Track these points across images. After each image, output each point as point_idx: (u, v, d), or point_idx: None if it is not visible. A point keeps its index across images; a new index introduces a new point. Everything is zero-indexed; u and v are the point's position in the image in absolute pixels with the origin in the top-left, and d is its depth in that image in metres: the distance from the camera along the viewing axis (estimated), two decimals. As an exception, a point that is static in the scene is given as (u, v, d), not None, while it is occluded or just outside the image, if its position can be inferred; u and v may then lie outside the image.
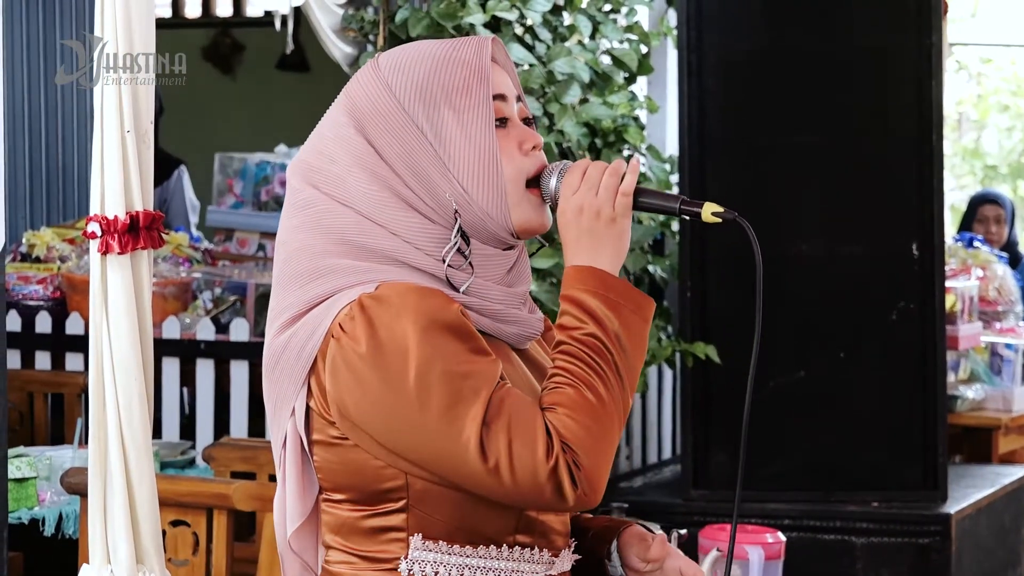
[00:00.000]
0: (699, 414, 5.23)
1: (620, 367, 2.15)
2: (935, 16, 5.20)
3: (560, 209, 2.21)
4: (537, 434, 2.08)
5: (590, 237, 2.20)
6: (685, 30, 5.21)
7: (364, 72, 2.25)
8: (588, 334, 2.14)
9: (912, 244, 5.20)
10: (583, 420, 2.10)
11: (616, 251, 2.20)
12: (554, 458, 2.07)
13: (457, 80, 2.20)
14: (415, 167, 2.18)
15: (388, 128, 2.19)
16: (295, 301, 2.17)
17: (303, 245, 2.19)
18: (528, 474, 2.07)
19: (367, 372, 2.10)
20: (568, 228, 2.20)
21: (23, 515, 4.36)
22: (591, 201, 2.19)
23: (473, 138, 2.19)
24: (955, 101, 14.25)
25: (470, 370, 2.09)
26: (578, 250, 2.20)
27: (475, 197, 2.19)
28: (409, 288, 2.12)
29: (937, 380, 5.19)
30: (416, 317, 2.09)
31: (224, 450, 4.26)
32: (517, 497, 2.10)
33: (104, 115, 2.92)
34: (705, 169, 5.22)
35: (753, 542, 3.81)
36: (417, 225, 2.18)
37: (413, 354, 2.08)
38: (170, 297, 6.02)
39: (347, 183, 2.19)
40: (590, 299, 2.16)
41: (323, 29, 6.49)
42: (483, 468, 2.08)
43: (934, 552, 5.06)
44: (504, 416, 2.08)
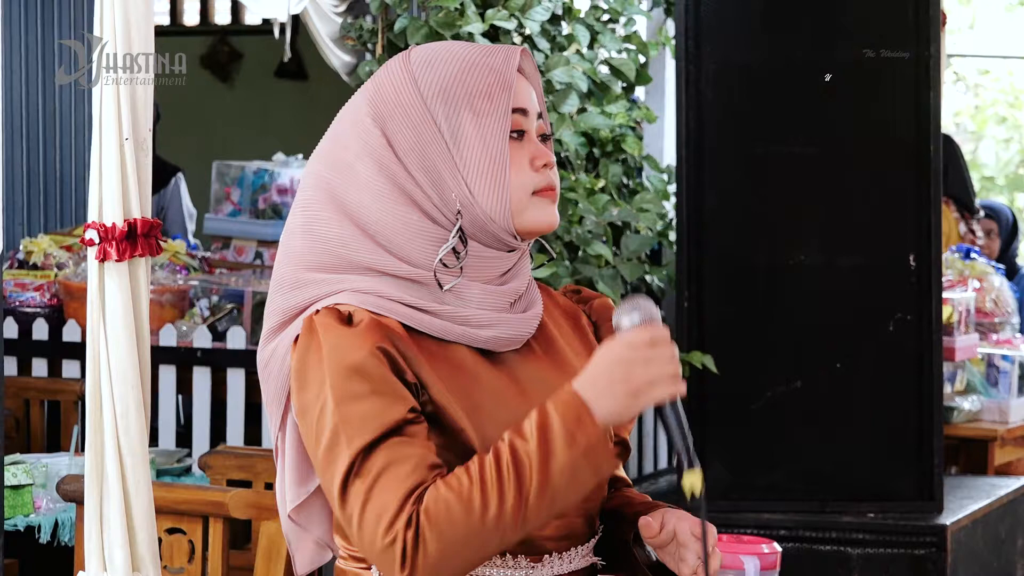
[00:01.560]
0: (695, 424, 5.23)
1: (533, 496, 2.06)
2: (933, 28, 5.20)
3: (611, 343, 2.12)
4: (389, 506, 2.07)
5: (608, 385, 2.09)
6: (683, 40, 5.22)
7: (394, 62, 2.27)
8: (526, 451, 2.07)
9: (909, 255, 5.20)
10: (456, 516, 2.06)
11: (618, 413, 2.10)
12: (393, 534, 2.06)
13: (482, 85, 2.22)
14: (426, 162, 2.20)
15: (406, 120, 2.22)
16: (279, 308, 2.24)
17: (291, 250, 2.25)
18: (369, 537, 2.08)
19: (295, 388, 2.19)
20: (600, 362, 2.11)
21: (19, 522, 4.36)
22: (638, 366, 2.10)
23: (487, 143, 2.21)
24: (953, 112, 14.26)
25: (357, 416, 2.10)
26: (589, 384, 2.10)
27: (479, 200, 2.20)
28: (332, 322, 2.15)
29: (933, 391, 5.19)
30: (328, 353, 2.13)
31: (220, 458, 4.26)
32: (362, 548, 2.13)
33: (103, 122, 2.92)
34: (703, 179, 5.22)
35: (749, 552, 3.80)
36: (415, 222, 2.20)
37: (321, 387, 2.13)
38: (167, 305, 6.02)
39: (356, 171, 2.22)
40: (556, 425, 2.08)
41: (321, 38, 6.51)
42: (342, 512, 2.12)
43: (930, 563, 5.06)
44: (372, 473, 2.09)
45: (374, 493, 2.07)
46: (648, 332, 2.11)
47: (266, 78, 10.12)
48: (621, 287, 5.34)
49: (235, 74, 10.58)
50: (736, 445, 5.21)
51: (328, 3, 6.55)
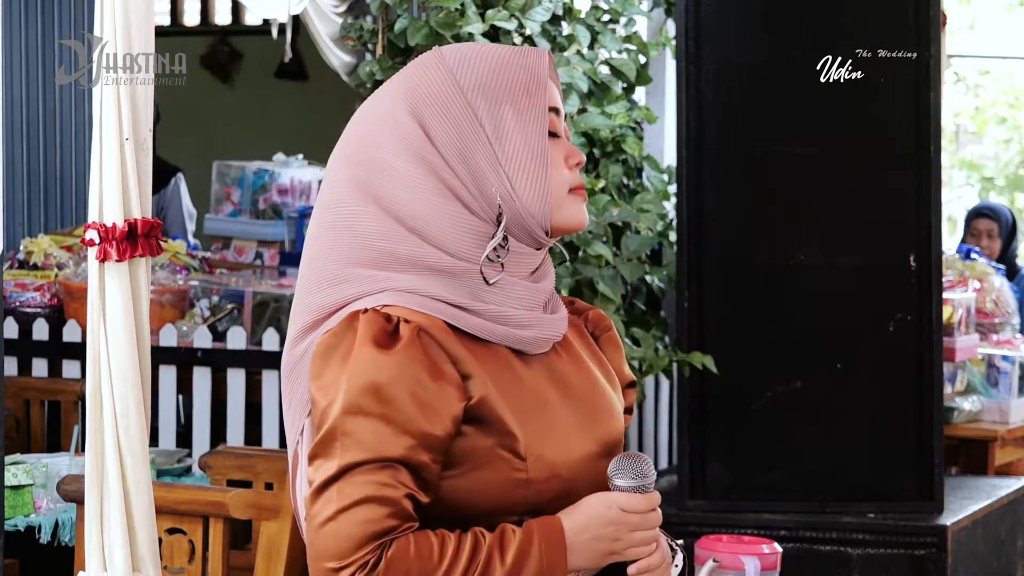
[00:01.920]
0: (696, 424, 5.23)
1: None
2: (934, 28, 5.20)
3: (607, 499, 2.18)
4: (352, 539, 2.08)
5: (592, 540, 2.16)
6: (684, 40, 5.22)
7: (427, 61, 2.26)
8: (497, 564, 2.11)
9: (909, 256, 5.20)
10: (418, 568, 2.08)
11: (585, 567, 2.17)
12: (346, 564, 2.07)
13: (519, 82, 2.23)
14: (466, 156, 2.20)
15: (446, 115, 2.21)
16: (313, 305, 2.21)
17: (328, 247, 2.22)
18: (321, 549, 2.09)
19: (322, 365, 2.15)
20: (592, 515, 2.17)
21: (19, 522, 4.35)
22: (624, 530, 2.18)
23: (529, 138, 2.22)
24: (953, 113, 14.26)
25: (352, 432, 2.09)
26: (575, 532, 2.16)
27: (521, 195, 2.21)
28: (371, 336, 2.12)
29: (934, 391, 5.19)
30: (353, 367, 2.11)
31: (220, 458, 4.25)
32: (307, 550, 2.13)
33: (103, 122, 2.92)
34: (703, 179, 5.22)
35: (749, 552, 3.80)
36: (456, 215, 2.19)
37: (332, 385, 2.12)
38: (167, 305, 6.02)
39: (393, 167, 2.20)
40: (534, 560, 2.12)
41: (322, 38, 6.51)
42: (308, 508, 2.12)
43: (930, 564, 5.06)
44: (350, 496, 2.08)
45: (344, 517, 2.08)
46: (645, 501, 2.18)
47: (266, 78, 10.12)
48: (621, 287, 5.34)
49: (235, 74, 10.58)
50: (736, 445, 5.21)
51: (328, 3, 6.55)
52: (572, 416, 2.24)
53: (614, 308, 5.22)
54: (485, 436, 2.15)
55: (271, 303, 5.93)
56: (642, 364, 5.30)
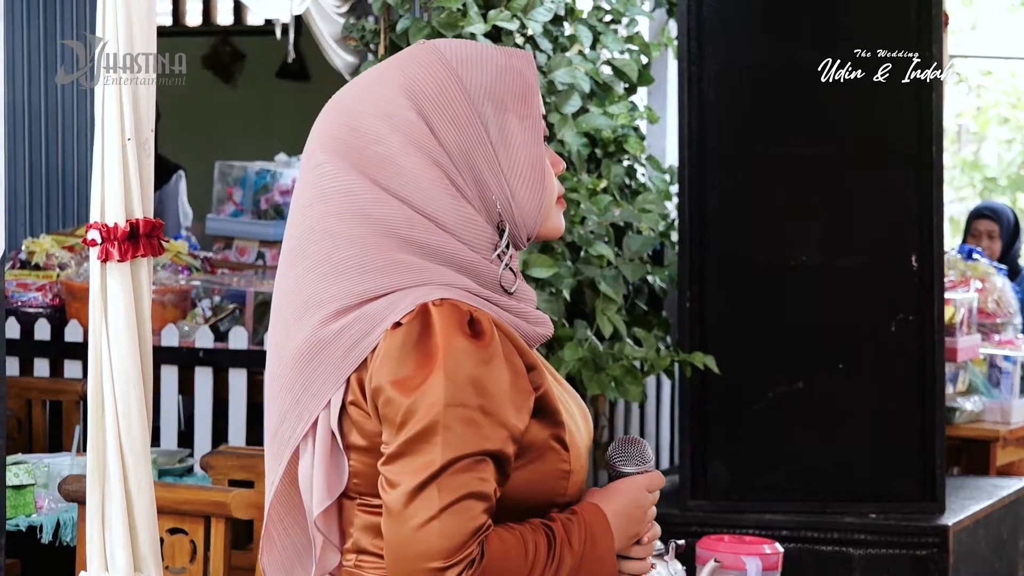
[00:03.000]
0: (697, 424, 5.23)
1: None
2: (935, 28, 5.20)
3: (636, 482, 2.26)
4: (460, 534, 2.06)
5: (626, 522, 2.24)
6: (685, 41, 5.22)
7: (427, 58, 2.23)
8: (569, 552, 2.16)
9: (911, 256, 5.20)
10: (510, 568, 2.10)
11: (621, 547, 2.23)
12: (453, 563, 2.06)
13: (517, 88, 2.24)
14: (471, 162, 2.19)
15: (453, 119, 2.19)
16: (345, 292, 2.16)
17: (351, 235, 2.16)
18: (419, 551, 2.06)
19: (391, 361, 2.10)
20: (627, 499, 2.25)
21: (21, 522, 4.36)
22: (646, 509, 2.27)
23: (530, 147, 2.23)
24: (955, 113, 14.26)
25: (459, 425, 2.07)
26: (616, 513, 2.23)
27: (521, 202, 2.22)
28: (462, 327, 2.11)
29: (935, 392, 5.19)
30: (450, 359, 2.08)
31: (222, 458, 4.26)
32: (394, 554, 2.08)
33: (105, 122, 2.92)
34: (705, 180, 5.22)
35: (750, 553, 3.80)
36: (468, 216, 2.19)
37: (427, 375, 2.08)
38: (169, 305, 6.02)
39: (399, 165, 2.18)
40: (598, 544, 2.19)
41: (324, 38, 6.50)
42: (399, 509, 2.07)
43: (931, 564, 5.06)
44: (453, 493, 2.07)
45: (448, 514, 2.05)
46: (655, 479, 2.28)
47: (268, 78, 10.12)
48: (623, 287, 5.34)
49: (237, 74, 10.58)
50: (738, 445, 5.21)
51: (330, 3, 6.55)
52: (578, 408, 2.30)
53: (616, 308, 5.22)
54: (543, 428, 2.17)
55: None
56: (644, 364, 5.31)
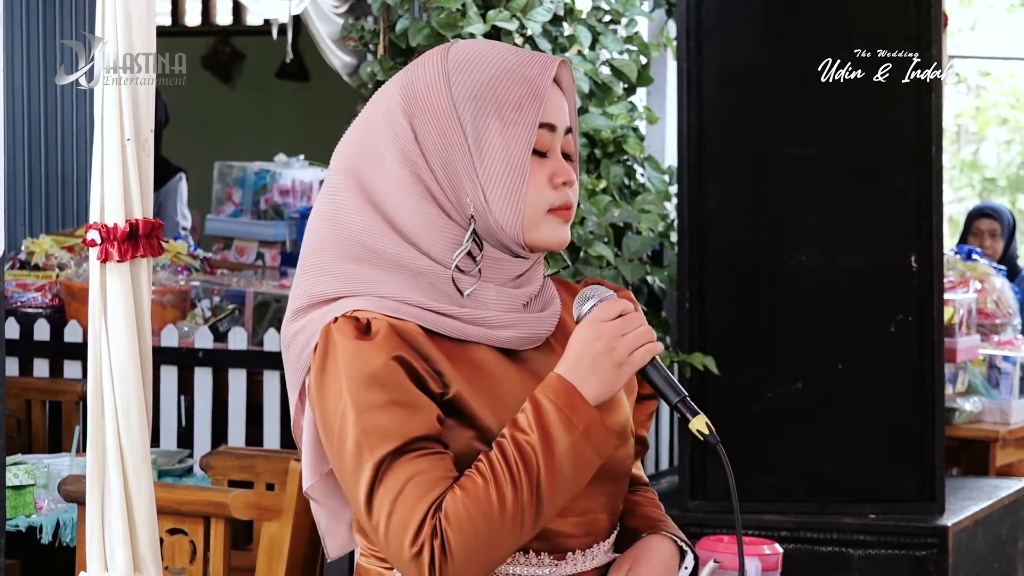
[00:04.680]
0: (697, 425, 5.22)
1: (543, 486, 2.12)
2: (935, 28, 5.20)
3: (581, 327, 2.21)
4: (414, 517, 2.10)
5: (591, 364, 2.18)
6: (685, 41, 5.22)
7: (432, 57, 2.29)
8: (528, 442, 2.12)
9: (911, 256, 5.20)
10: (476, 516, 2.10)
11: (605, 389, 2.18)
12: (419, 545, 2.09)
13: (513, 94, 2.23)
14: (447, 163, 2.22)
15: (434, 120, 2.23)
16: (303, 292, 2.26)
17: (321, 236, 2.27)
18: (397, 547, 2.11)
19: (314, 396, 2.20)
20: (577, 344, 2.19)
21: (21, 523, 4.35)
22: (612, 337, 2.19)
23: (509, 153, 2.22)
24: (954, 114, 14.26)
25: (378, 427, 2.12)
26: (573, 368, 2.18)
27: (494, 208, 2.22)
28: (351, 333, 2.16)
29: (935, 392, 5.19)
30: (346, 364, 2.15)
31: (222, 459, 4.26)
32: (389, 558, 2.16)
33: (104, 122, 2.92)
34: (704, 180, 5.22)
35: (750, 553, 3.80)
36: (434, 218, 2.23)
37: (341, 399, 2.15)
38: (168, 305, 6.02)
39: (384, 160, 2.25)
40: (551, 412, 2.14)
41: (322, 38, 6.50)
42: (368, 521, 2.14)
43: (931, 564, 5.06)
44: (397, 484, 2.11)
45: (398, 505, 2.10)
46: (613, 305, 2.21)
47: (267, 79, 10.12)
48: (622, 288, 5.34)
49: (237, 75, 10.58)
50: (737, 446, 5.20)
51: (329, 4, 6.55)
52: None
53: (615, 309, 5.21)
54: (464, 429, 2.18)
55: (272, 303, 5.93)
56: (643, 365, 5.29)
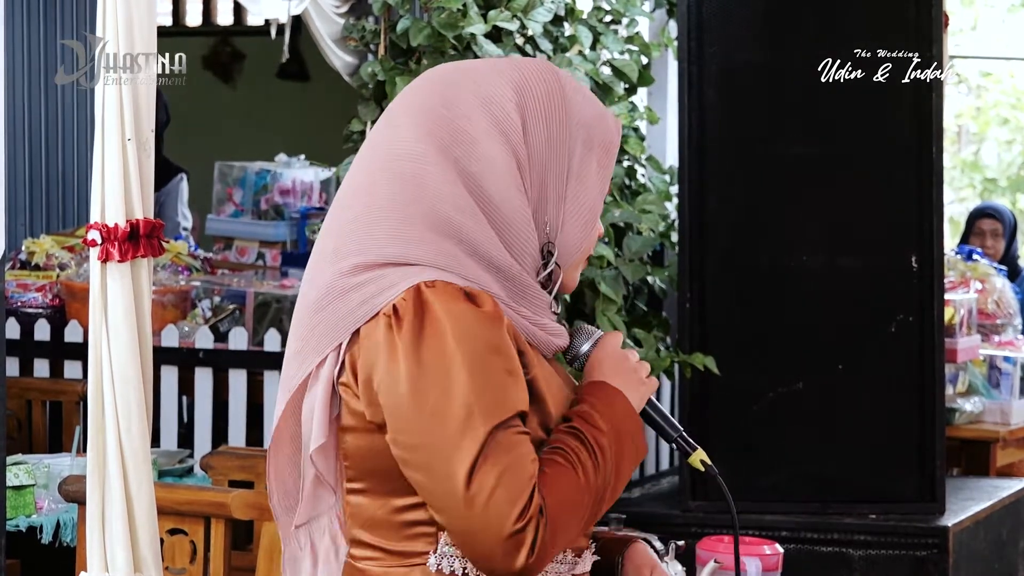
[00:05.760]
0: (697, 425, 5.23)
1: (610, 480, 2.20)
2: (935, 28, 5.20)
3: (605, 352, 2.30)
4: (523, 491, 2.09)
5: (626, 378, 2.28)
6: (686, 41, 5.22)
7: (546, 70, 2.27)
8: (604, 440, 2.20)
9: (911, 256, 5.20)
10: (568, 501, 2.13)
11: (638, 402, 2.29)
12: (526, 520, 2.08)
13: (607, 140, 2.28)
14: (542, 178, 2.23)
15: (547, 131, 2.23)
16: (367, 249, 2.16)
17: (398, 197, 2.18)
18: (497, 522, 2.08)
19: (400, 361, 2.11)
20: (612, 365, 2.29)
21: (21, 523, 4.36)
22: (631, 364, 2.30)
23: (596, 192, 2.27)
24: (955, 114, 14.25)
25: (494, 396, 2.10)
26: (615, 377, 2.27)
27: (566, 238, 2.26)
28: (463, 297, 2.13)
29: (935, 393, 5.19)
30: (463, 328, 2.10)
31: (222, 459, 4.26)
32: (473, 536, 2.10)
33: (105, 122, 2.92)
34: (705, 180, 5.22)
35: (750, 553, 3.80)
36: (525, 216, 2.21)
37: (447, 361, 2.10)
38: (169, 305, 6.02)
39: (478, 145, 2.19)
40: (616, 417, 2.23)
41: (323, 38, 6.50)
42: (462, 493, 2.08)
43: (931, 564, 5.06)
44: (504, 456, 2.09)
45: (506, 478, 2.08)
46: (615, 338, 2.32)
47: (268, 79, 10.12)
48: (623, 288, 5.34)
49: (237, 75, 10.58)
50: (738, 446, 5.20)
51: (329, 4, 6.55)
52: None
53: (616, 309, 5.22)
54: (533, 415, 2.19)
55: (273, 304, 5.93)
56: (644, 365, 5.30)
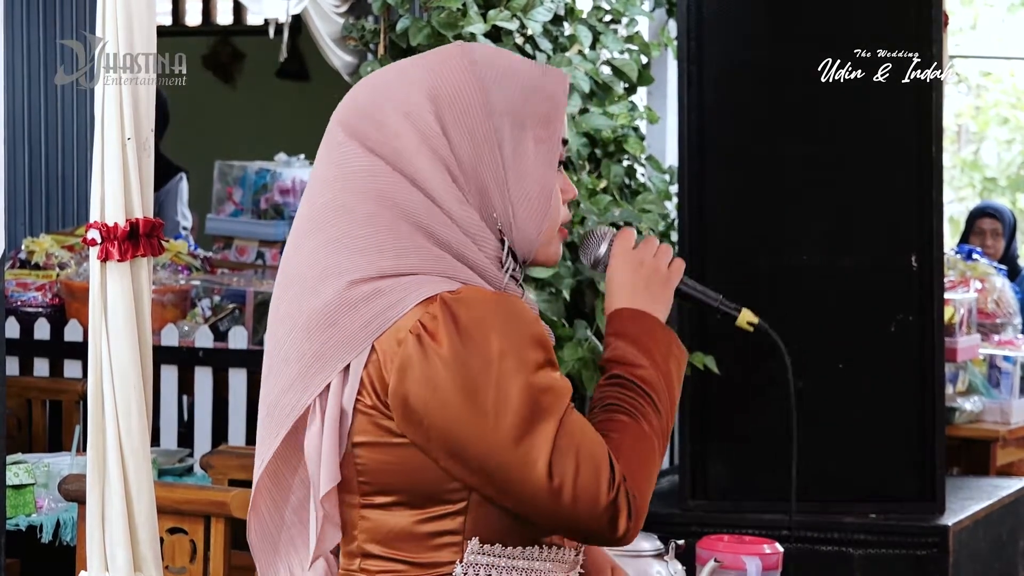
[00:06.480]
0: (697, 424, 5.23)
1: (667, 408, 2.22)
2: (935, 28, 5.20)
3: (618, 261, 2.30)
4: (603, 462, 2.10)
5: (647, 287, 2.28)
6: (685, 41, 5.22)
7: (458, 63, 2.21)
8: (646, 373, 2.21)
9: (911, 256, 5.20)
10: (639, 452, 2.15)
11: (666, 307, 2.31)
12: (615, 489, 2.09)
13: (542, 110, 2.21)
14: (478, 177, 2.18)
15: (470, 131, 2.18)
16: (362, 266, 2.12)
17: (369, 213, 2.14)
18: (589, 501, 2.09)
19: (445, 375, 2.07)
20: (628, 277, 2.28)
21: (21, 522, 4.36)
22: (651, 259, 2.29)
23: (540, 171, 2.21)
24: (955, 113, 14.25)
25: (548, 385, 2.10)
26: (635, 296, 2.28)
27: (520, 225, 2.20)
28: (494, 296, 2.12)
29: (935, 392, 5.19)
30: (502, 327, 2.09)
31: (222, 458, 4.26)
32: (572, 521, 2.11)
33: (104, 121, 2.92)
34: (705, 180, 5.22)
35: (750, 552, 3.80)
36: (475, 221, 2.17)
37: (496, 365, 2.07)
38: (169, 305, 6.02)
39: (414, 162, 2.16)
40: (649, 342, 2.24)
41: (323, 38, 6.50)
42: (547, 487, 2.08)
43: (931, 564, 5.06)
44: (575, 438, 2.09)
45: (583, 456, 2.09)
46: (628, 235, 2.31)
47: (268, 78, 10.11)
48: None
49: (237, 74, 10.57)
50: (738, 445, 5.21)
51: (329, 3, 6.55)
52: None
53: (616, 308, 5.21)
54: None
55: (273, 303, 5.92)
56: (643, 364, 5.29)
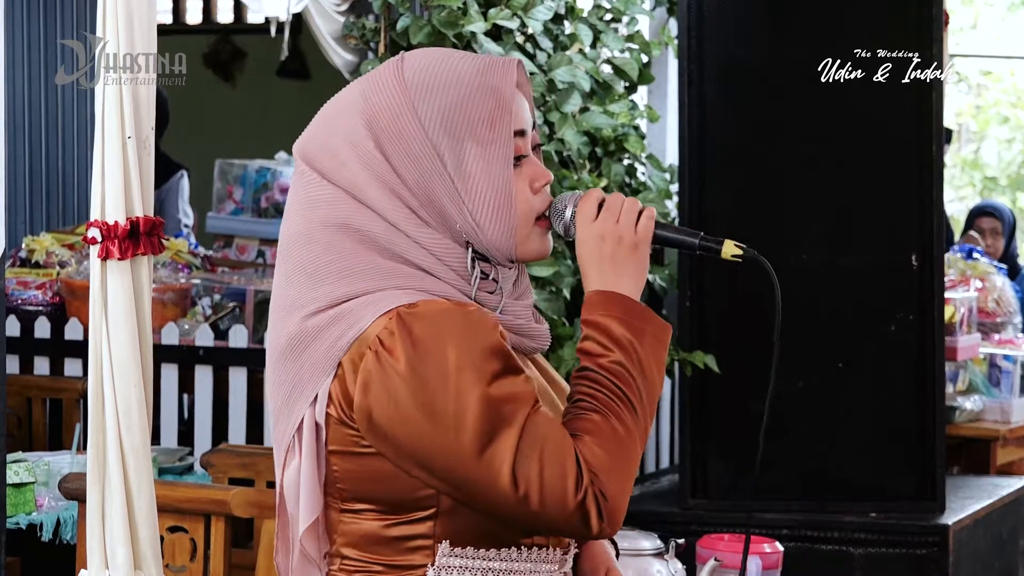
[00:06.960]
0: (697, 423, 5.23)
1: (643, 394, 2.15)
2: (935, 28, 5.20)
3: (580, 238, 2.20)
4: (568, 464, 2.07)
5: (612, 262, 2.19)
6: (686, 39, 5.22)
7: (387, 81, 2.21)
8: (614, 361, 2.14)
9: (911, 255, 5.20)
10: (610, 449, 2.10)
11: (638, 277, 2.20)
12: (583, 490, 2.07)
13: (483, 112, 2.17)
14: (430, 194, 2.16)
15: (408, 152, 2.16)
16: (322, 296, 2.14)
17: (330, 242, 2.15)
18: (557, 504, 2.08)
19: (404, 391, 2.08)
20: (590, 255, 2.20)
21: (21, 520, 4.36)
22: (612, 228, 2.19)
23: (492, 174, 2.17)
24: (955, 112, 14.26)
25: (508, 393, 2.08)
26: (601, 275, 2.19)
27: (486, 231, 2.17)
28: (450, 308, 2.10)
29: (936, 391, 5.19)
30: (458, 339, 2.08)
31: (222, 456, 4.26)
32: (545, 523, 2.11)
33: (105, 120, 2.92)
34: (705, 178, 5.22)
35: (750, 552, 3.80)
36: (437, 239, 2.16)
37: (453, 378, 2.07)
38: (169, 303, 6.02)
39: (368, 192, 2.16)
40: (615, 325, 2.16)
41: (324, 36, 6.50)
42: (513, 496, 2.07)
43: (931, 563, 5.06)
44: (537, 443, 2.07)
45: (547, 460, 2.07)
46: (589, 201, 2.21)
47: (269, 77, 10.11)
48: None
49: (238, 73, 10.57)
50: (738, 444, 5.21)
51: (330, 2, 6.55)
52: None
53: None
54: None
55: (273, 302, 5.92)
56: (644, 363, 5.29)
